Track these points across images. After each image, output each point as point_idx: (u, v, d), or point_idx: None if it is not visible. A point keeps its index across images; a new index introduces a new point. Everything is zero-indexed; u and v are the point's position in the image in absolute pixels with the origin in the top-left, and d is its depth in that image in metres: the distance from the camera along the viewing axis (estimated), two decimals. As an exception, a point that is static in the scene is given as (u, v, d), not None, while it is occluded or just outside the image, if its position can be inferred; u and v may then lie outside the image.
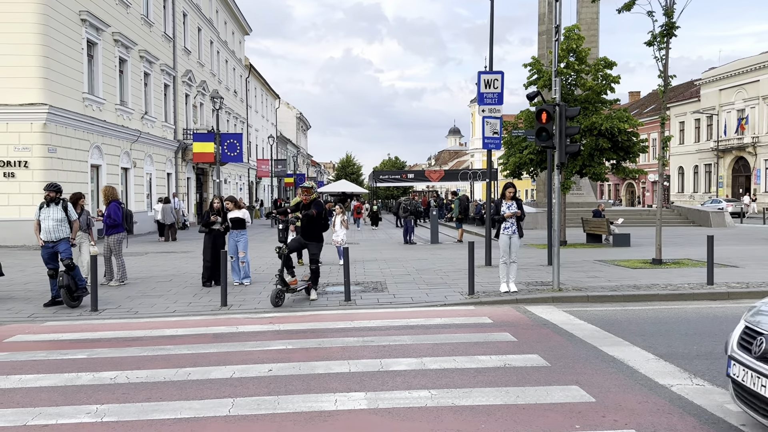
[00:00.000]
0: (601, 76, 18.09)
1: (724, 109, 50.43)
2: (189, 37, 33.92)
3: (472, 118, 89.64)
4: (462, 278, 11.34)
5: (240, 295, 10.21)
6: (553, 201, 12.24)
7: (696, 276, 11.23)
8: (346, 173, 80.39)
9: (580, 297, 9.53)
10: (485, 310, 8.78)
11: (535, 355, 6.25)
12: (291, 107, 76.65)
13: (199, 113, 36.02)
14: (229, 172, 41.55)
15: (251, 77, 51.15)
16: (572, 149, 10.58)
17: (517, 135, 19.46)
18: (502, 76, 13.46)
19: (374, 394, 5.11)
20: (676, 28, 12.63)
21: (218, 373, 5.77)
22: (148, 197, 27.79)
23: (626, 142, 18.13)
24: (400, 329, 7.56)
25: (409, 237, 20.94)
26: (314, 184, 10.37)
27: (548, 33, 30.47)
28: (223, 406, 4.88)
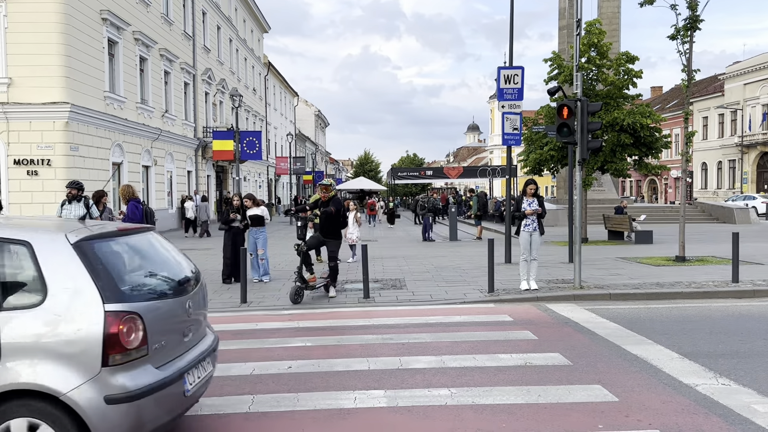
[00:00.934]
0: (622, 71, 17.84)
1: (748, 103, 49.50)
2: (208, 36, 34.14)
3: (491, 114, 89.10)
4: (481, 276, 11.26)
5: (259, 292, 10.25)
6: (574, 198, 12.11)
7: (720, 273, 11.04)
8: (365, 170, 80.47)
9: (602, 295, 9.41)
10: (505, 308, 8.71)
11: (557, 354, 6.17)
12: (309, 105, 76.87)
13: (218, 111, 36.27)
14: (248, 169, 41.79)
15: (270, 75, 51.37)
16: (594, 145, 10.44)
17: (537, 131, 19.28)
18: (522, 71, 13.33)
19: (394, 392, 5.09)
20: (700, 21, 12.41)
21: (238, 370, 5.79)
22: (169, 195, 28.04)
23: (649, 138, 17.86)
24: (420, 327, 7.53)
25: (428, 234, 20.88)
26: (333, 181, 10.37)
27: (569, 28, 30.16)
28: (242, 403, 4.89)
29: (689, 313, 8.27)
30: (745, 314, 8.09)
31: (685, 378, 5.33)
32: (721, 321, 7.69)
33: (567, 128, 10.14)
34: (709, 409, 4.57)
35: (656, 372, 5.54)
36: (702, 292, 9.43)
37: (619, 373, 5.54)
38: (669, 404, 4.70)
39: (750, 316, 7.94)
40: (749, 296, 9.33)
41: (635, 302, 9.13)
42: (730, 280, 10.14)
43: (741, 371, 5.49)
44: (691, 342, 6.61)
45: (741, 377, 5.32)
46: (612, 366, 5.76)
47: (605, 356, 6.10)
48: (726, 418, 4.39)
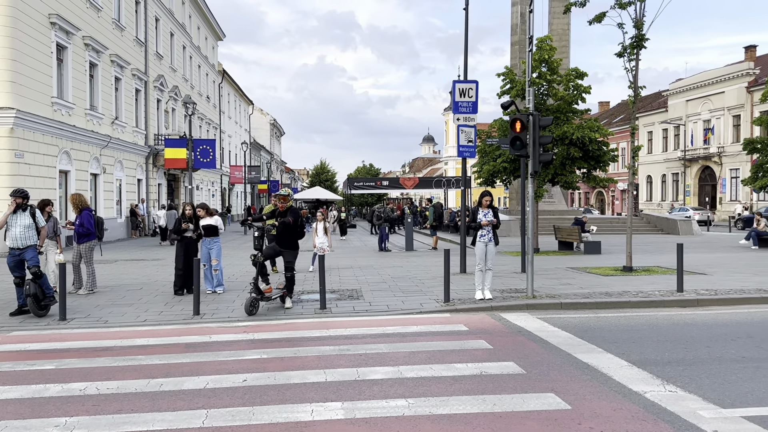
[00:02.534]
0: (572, 86, 18.37)
1: (690, 119, 51.63)
2: (161, 42, 33.54)
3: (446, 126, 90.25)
4: (437, 285, 11.36)
5: (213, 303, 10.07)
6: (526, 209, 12.36)
7: (666, 283, 11.43)
8: (321, 180, 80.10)
9: (553, 304, 9.61)
10: (461, 318, 8.80)
11: (511, 363, 6.27)
12: (264, 113, 76.24)
13: (171, 119, 35.59)
14: (201, 178, 41.10)
15: (224, 83, 50.77)
16: (545, 158, 10.70)
17: (491, 143, 19.64)
18: (476, 85, 13.57)
19: (351, 403, 5.08)
20: (646, 40, 12.89)
21: (191, 384, 5.67)
22: (118, 204, 27.32)
23: (597, 152, 18.42)
24: (377, 337, 7.53)
25: (384, 244, 20.94)
26: (290, 191, 10.30)
27: (520, 43, 30.90)
28: (196, 418, 4.79)
29: (637, 322, 8.53)
30: (690, 323, 8.40)
31: (634, 385, 5.49)
32: (667, 329, 7.96)
33: (520, 141, 10.37)
34: (657, 416, 4.73)
35: (607, 380, 5.69)
36: (649, 302, 9.75)
37: (572, 381, 5.67)
38: (620, 411, 4.84)
39: (694, 325, 8.24)
40: (693, 305, 9.69)
41: (585, 311, 9.36)
42: (675, 289, 10.51)
43: (687, 378, 5.70)
44: (639, 350, 6.82)
45: (687, 384, 5.52)
46: (564, 374, 5.89)
47: (558, 365, 6.23)
48: (673, 425, 4.54)
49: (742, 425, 4.49)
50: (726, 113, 47.75)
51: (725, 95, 47.65)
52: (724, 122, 47.97)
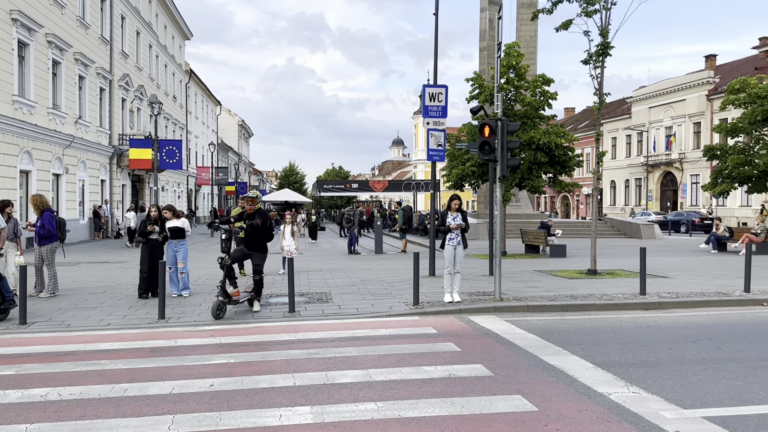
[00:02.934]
0: (539, 92, 18.65)
1: (653, 125, 52.86)
2: (127, 41, 32.95)
3: (416, 130, 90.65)
4: (407, 288, 11.40)
5: (179, 307, 9.92)
6: (494, 212, 12.49)
7: (629, 286, 11.67)
8: (290, 182, 79.54)
9: (520, 307, 9.73)
10: (430, 321, 8.84)
11: (479, 365, 6.33)
12: (233, 114, 75.46)
13: (136, 118, 34.97)
14: (167, 179, 40.48)
15: (191, 83, 50.11)
16: (513, 163, 10.84)
17: (460, 148, 19.80)
18: (446, 89, 13.67)
19: (320, 407, 5.06)
20: (611, 47, 13.17)
21: (156, 389, 5.58)
22: (80, 205, 26.72)
23: (562, 157, 18.73)
24: (346, 341, 7.52)
25: (354, 247, 20.92)
26: (258, 193, 10.23)
27: (489, 49, 31.27)
28: (162, 423, 4.72)
29: (601, 324, 8.69)
30: (652, 325, 8.59)
31: (599, 387, 5.60)
32: (630, 332, 8.13)
33: (488, 146, 10.49)
34: (621, 417, 4.82)
35: (572, 381, 5.79)
36: (613, 304, 9.94)
37: (538, 383, 5.75)
38: (585, 413, 4.93)
39: (657, 327, 8.44)
40: (655, 308, 9.92)
41: (551, 314, 9.50)
42: (638, 292, 10.74)
43: (650, 379, 5.83)
44: (603, 352, 6.95)
45: (650, 385, 5.65)
46: (531, 376, 5.97)
47: (524, 367, 6.31)
48: (637, 425, 4.64)
49: (702, 425, 4.62)
50: (687, 120, 49.02)
51: (686, 103, 48.93)
52: (686, 129, 49.24)
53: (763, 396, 5.31)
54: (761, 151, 20.60)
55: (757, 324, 8.61)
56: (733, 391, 5.44)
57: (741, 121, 20.96)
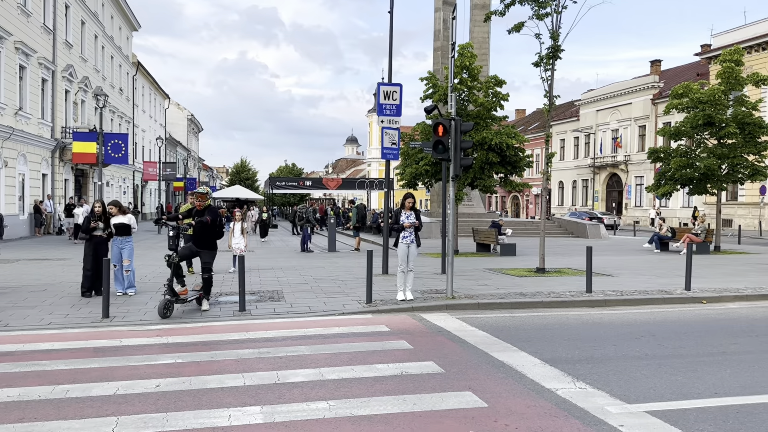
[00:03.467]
0: (491, 93, 18.91)
1: (600, 128, 54.40)
2: (71, 31, 31.79)
3: (370, 128, 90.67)
4: (360, 287, 11.38)
5: (124, 306, 9.63)
6: (447, 211, 12.60)
7: (576, 284, 11.96)
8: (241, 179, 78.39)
9: (471, 304, 9.85)
10: (382, 319, 8.85)
11: (431, 362, 6.37)
12: (182, 108, 73.83)
13: (80, 111, 33.80)
14: (112, 174, 39.30)
15: (139, 75, 48.76)
16: (466, 162, 10.96)
17: (414, 146, 19.90)
18: (401, 88, 13.70)
19: (270, 407, 4.99)
20: (561, 50, 13.46)
21: (100, 390, 5.40)
22: (20, 199, 25.65)
23: (513, 157, 19.05)
24: (298, 339, 7.45)
25: (307, 245, 20.76)
26: (208, 189, 10.01)
27: (443, 49, 31.52)
28: (106, 425, 4.56)
29: (549, 321, 8.88)
30: (598, 322, 8.83)
31: (547, 383, 5.71)
32: (577, 329, 8.33)
33: (442, 145, 10.57)
34: (568, 412, 4.93)
35: (521, 377, 5.88)
36: (560, 302, 10.17)
37: (488, 379, 5.82)
38: (533, 408, 5.01)
39: (602, 324, 8.68)
40: (601, 305, 10.20)
41: (501, 311, 9.65)
42: (584, 290, 11.01)
43: (595, 375, 5.98)
44: (551, 348, 7.10)
45: (595, 381, 5.79)
46: (481, 372, 6.04)
47: (475, 363, 6.39)
48: (583, 420, 4.75)
49: (645, 419, 4.76)
50: (633, 123, 50.64)
51: (632, 106, 50.54)
52: (631, 132, 50.86)
53: (702, 390, 5.51)
54: (702, 154, 21.44)
55: (697, 321, 8.96)
56: (674, 386, 5.64)
57: (683, 125, 21.75)
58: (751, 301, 10.81)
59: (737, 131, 20.32)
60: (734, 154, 20.69)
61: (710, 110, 20.85)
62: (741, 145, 20.69)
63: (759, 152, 20.83)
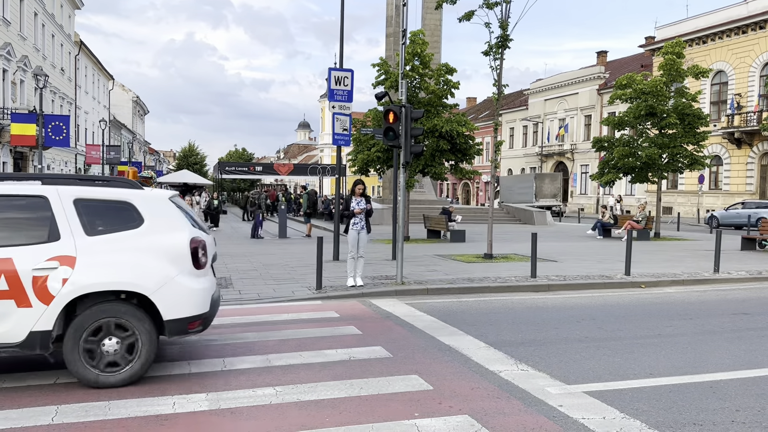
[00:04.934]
0: (442, 81, 19.04)
1: (548, 117, 55.54)
2: (9, 7, 30.28)
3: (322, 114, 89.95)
4: (310, 273, 11.36)
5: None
6: (398, 198, 12.68)
7: (521, 270, 12.25)
8: (189, 163, 76.70)
9: (420, 290, 9.98)
10: (332, 305, 8.88)
11: (379, 347, 6.44)
12: (126, 90, 71.51)
13: (18, 91, 32.33)
14: (53, 157, 37.83)
15: (82, 55, 46.94)
16: (416, 149, 11.04)
17: (365, 133, 19.89)
18: (352, 74, 13.65)
19: (216, 394, 4.96)
20: (510, 40, 13.66)
21: (37, 379, 5.25)
22: (-47, 183, 24.42)
23: (464, 145, 19.29)
24: (246, 326, 7.40)
25: (258, 231, 20.54)
26: (153, 174, 9.79)
27: (395, 35, 31.45)
28: (45, 414, 4.45)
29: (495, 305, 9.09)
30: (542, 306, 9.09)
31: (491, 365, 5.86)
32: (521, 313, 8.55)
33: (393, 132, 10.61)
34: (510, 393, 5.08)
35: (466, 360, 6.02)
36: (506, 287, 10.41)
37: (434, 362, 5.93)
38: (477, 390, 5.14)
39: (545, 308, 8.93)
40: (545, 290, 10.49)
41: (449, 296, 9.81)
42: (529, 275, 11.30)
43: (537, 357, 6.17)
44: (496, 332, 7.28)
45: (537, 363, 5.98)
46: (428, 356, 6.15)
47: (422, 347, 6.49)
48: (524, 401, 4.91)
49: (583, 399, 4.95)
50: (579, 113, 51.88)
51: (579, 96, 51.75)
52: (578, 121, 52.12)
53: (638, 371, 5.76)
54: (644, 144, 22.17)
55: (635, 305, 9.32)
56: (612, 367, 5.87)
57: (627, 115, 22.42)
58: (687, 285, 11.31)
59: (678, 122, 21.09)
60: (674, 144, 21.46)
61: (652, 101, 21.54)
62: (681, 135, 21.48)
63: (698, 142, 21.68)
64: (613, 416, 4.58)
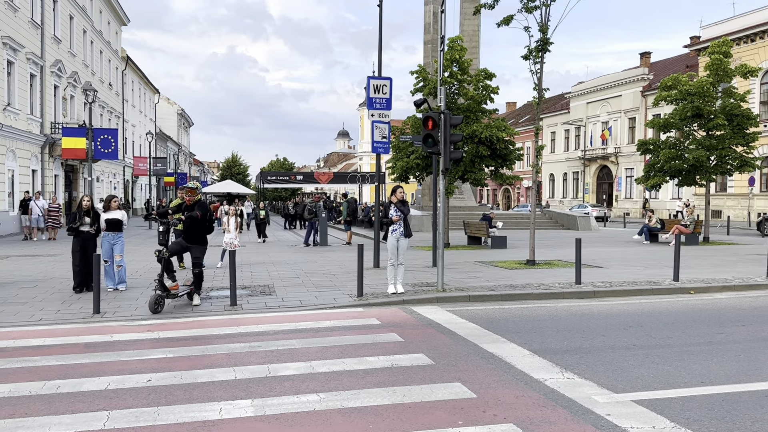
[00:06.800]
0: (481, 87, 18.94)
1: (590, 120, 54.57)
2: (59, 25, 31.51)
3: (361, 122, 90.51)
4: (351, 280, 11.41)
5: (115, 301, 9.62)
6: (438, 205, 12.64)
7: (565, 276, 12.05)
8: (232, 173, 78.16)
9: (462, 297, 9.91)
10: (373, 312, 8.89)
11: (421, 355, 6.42)
12: (172, 103, 73.42)
13: (69, 106, 33.55)
14: (102, 169, 39.07)
15: (128, 70, 48.44)
16: (456, 156, 10.99)
17: (404, 140, 19.93)
18: (390, 82, 13.71)
19: (261, 400, 5.02)
20: (550, 43, 13.50)
21: (91, 385, 5.41)
22: (10, 196, 25.47)
23: (504, 150, 19.11)
24: (289, 333, 7.48)
25: (312, 239, 20.75)
26: (198, 184, 10.00)
27: (433, 42, 31.49)
28: (97, 420, 4.58)
29: (538, 312, 8.95)
30: (587, 313, 8.91)
31: (535, 373, 5.77)
32: (566, 320, 8.40)
33: (432, 139, 10.60)
34: (556, 402, 4.99)
35: (510, 368, 5.94)
36: (549, 293, 10.25)
37: (477, 370, 5.88)
38: (521, 398, 5.07)
39: (591, 315, 8.76)
40: (590, 297, 10.29)
41: (491, 303, 9.71)
42: (573, 281, 11.10)
43: (583, 365, 6.05)
44: (540, 339, 7.17)
45: (583, 371, 5.86)
46: (470, 364, 6.09)
47: (464, 355, 6.44)
48: (571, 410, 4.82)
49: (632, 408, 4.83)
50: (623, 116, 50.83)
51: (622, 98, 50.72)
52: (621, 124, 51.06)
53: (688, 379, 5.59)
54: (690, 145, 21.58)
55: (685, 311, 9.06)
56: (661, 376, 5.71)
57: (672, 117, 21.88)
58: (739, 291, 10.93)
59: (725, 123, 20.47)
60: (722, 146, 20.83)
61: (699, 102, 20.97)
62: (729, 136, 20.84)
63: (747, 143, 20.99)
64: (663, 426, 4.45)
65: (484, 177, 19.58)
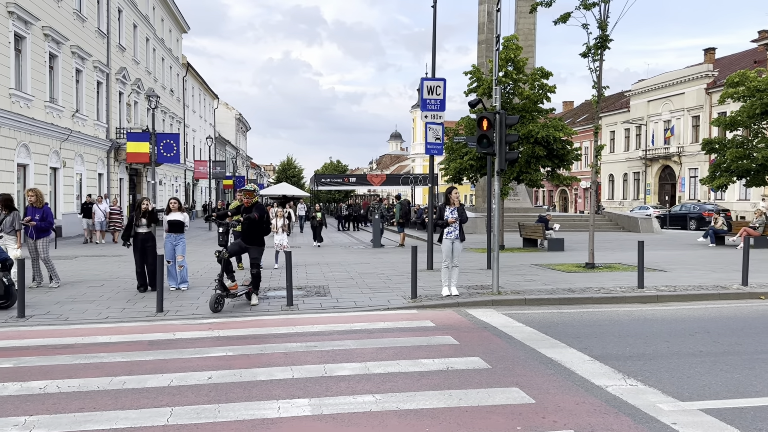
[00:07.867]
0: (537, 86, 18.62)
1: (651, 119, 52.83)
2: (124, 34, 32.82)
3: (413, 124, 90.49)
4: (404, 282, 11.40)
5: (177, 300, 9.92)
6: (492, 206, 12.49)
7: (627, 280, 11.69)
8: (287, 176, 79.50)
9: (518, 300, 9.74)
10: (428, 314, 8.85)
11: (477, 358, 6.34)
12: (230, 108, 75.31)
13: (133, 112, 34.89)
14: (164, 173, 40.42)
15: (188, 76, 49.96)
16: (511, 156, 10.83)
17: (458, 141, 19.78)
18: (444, 83, 13.64)
19: (318, 400, 5.07)
20: (610, 40, 13.14)
21: (155, 382, 5.59)
22: (78, 198, 26.66)
23: (561, 150, 18.71)
24: (344, 334, 7.53)
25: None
26: (256, 187, 10.22)
27: (487, 42, 31.17)
28: (160, 416, 4.72)
29: (599, 317, 8.71)
30: (650, 318, 8.61)
31: (597, 379, 5.61)
32: (628, 325, 8.14)
33: (486, 139, 10.47)
34: (618, 409, 4.84)
35: (569, 374, 5.80)
36: (610, 298, 9.96)
37: (535, 375, 5.76)
38: (582, 405, 4.94)
39: (654, 320, 8.46)
40: (653, 301, 9.94)
41: (549, 307, 9.51)
42: (635, 285, 10.75)
43: (647, 372, 5.85)
44: (601, 345, 6.97)
45: (647, 378, 5.66)
46: (528, 369, 5.98)
47: (522, 359, 6.33)
48: (634, 417, 4.66)
49: (699, 417, 4.63)
50: (686, 114, 49.00)
51: (685, 96, 48.89)
52: (684, 123, 49.22)
53: (760, 388, 5.33)
54: (760, 144, 20.61)
55: (754, 317, 8.64)
56: (731, 384, 5.46)
57: (740, 115, 20.95)
58: (814, 297, 10.34)
59: (798, 120, 19.45)
60: (795, 144, 19.80)
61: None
62: (802, 134, 19.79)
63: (822, 141, 19.89)
64: (735, 437, 4.25)
65: (540, 178, 19.24)
